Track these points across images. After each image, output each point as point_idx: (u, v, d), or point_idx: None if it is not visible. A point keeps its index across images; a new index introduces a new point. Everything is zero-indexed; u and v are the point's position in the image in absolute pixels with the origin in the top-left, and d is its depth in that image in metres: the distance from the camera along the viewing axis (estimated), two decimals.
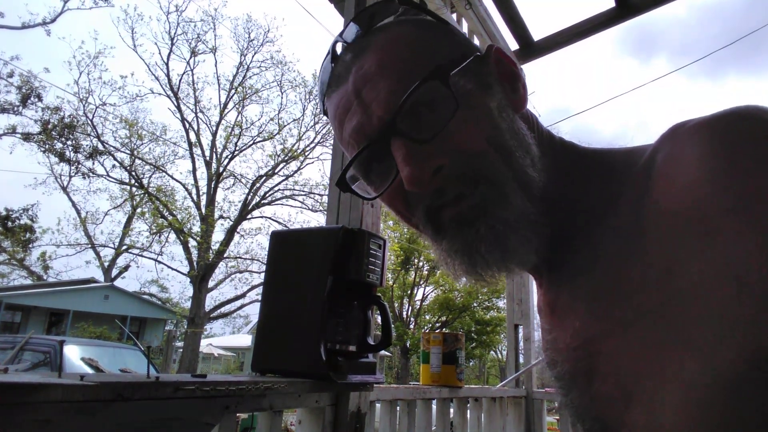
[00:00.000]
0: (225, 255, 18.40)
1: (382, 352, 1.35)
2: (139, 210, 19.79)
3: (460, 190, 0.53)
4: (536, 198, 0.54)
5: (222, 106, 19.01)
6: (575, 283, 0.54)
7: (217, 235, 18.51)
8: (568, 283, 0.55)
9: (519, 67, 0.61)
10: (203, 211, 18.02)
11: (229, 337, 28.24)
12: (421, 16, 0.61)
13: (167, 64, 18.38)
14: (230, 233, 18.18)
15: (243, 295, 19.37)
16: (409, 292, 22.64)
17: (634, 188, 0.49)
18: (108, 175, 18.78)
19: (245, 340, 25.04)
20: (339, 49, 0.61)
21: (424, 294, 23.23)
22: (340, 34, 0.61)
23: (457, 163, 0.52)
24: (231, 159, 19.03)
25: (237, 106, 19.12)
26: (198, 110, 18.81)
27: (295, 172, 19.05)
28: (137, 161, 18.55)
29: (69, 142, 17.70)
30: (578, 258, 0.54)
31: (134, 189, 19.47)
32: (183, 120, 18.45)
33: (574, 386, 0.53)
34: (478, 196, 0.52)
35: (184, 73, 18.78)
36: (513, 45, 2.85)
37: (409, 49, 0.56)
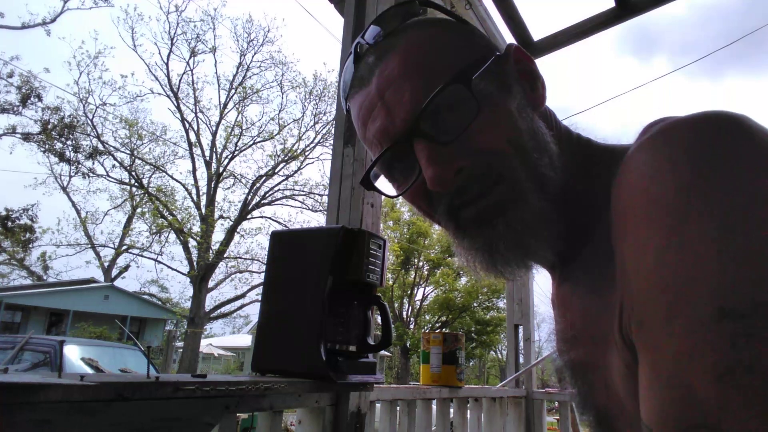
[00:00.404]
0: (225, 255, 18.42)
1: (382, 352, 1.35)
2: (139, 210, 19.81)
3: (480, 189, 0.54)
4: (553, 196, 0.55)
5: (222, 106, 19.03)
6: (579, 279, 0.57)
7: (217, 235, 18.54)
8: (575, 277, 0.58)
9: (537, 66, 0.62)
10: (203, 211, 18.03)
11: (229, 337, 28.25)
12: (441, 17, 0.63)
13: (167, 64, 18.41)
14: (230, 233, 18.19)
15: (243, 295, 19.40)
16: (409, 292, 22.66)
17: None
18: (108, 175, 18.82)
19: (245, 340, 25.05)
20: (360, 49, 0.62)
21: (424, 294, 23.27)
22: (362, 35, 0.62)
23: (478, 164, 0.54)
24: (231, 159, 19.05)
25: (237, 106, 19.14)
26: (198, 110, 18.84)
27: (295, 172, 19.10)
28: (137, 161, 18.58)
29: (69, 142, 17.72)
30: (586, 254, 0.56)
31: (134, 189, 19.48)
32: (183, 120, 18.47)
33: (578, 376, 0.57)
34: (497, 195, 0.54)
35: (184, 73, 18.80)
36: None
37: (431, 51, 0.57)
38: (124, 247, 20.38)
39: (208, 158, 18.75)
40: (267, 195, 19.08)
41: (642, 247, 0.40)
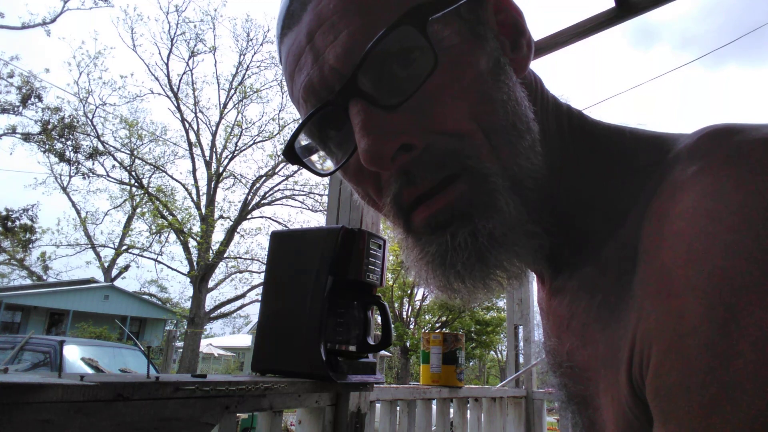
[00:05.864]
0: (225, 255, 18.42)
1: (382, 352, 1.35)
2: (139, 210, 19.81)
3: (433, 183, 0.43)
4: (533, 194, 0.44)
5: (222, 106, 19.03)
6: (577, 299, 0.47)
7: (217, 235, 18.54)
8: (571, 294, 0.48)
9: (525, 18, 0.49)
10: (203, 211, 18.03)
11: (229, 337, 28.24)
12: None
13: (167, 64, 18.41)
14: (230, 233, 18.19)
15: (243, 295, 19.39)
16: (409, 292, 22.66)
17: (647, 199, 0.40)
18: (108, 175, 18.84)
19: (245, 340, 25.04)
20: None
21: (424, 294, 23.23)
22: None
23: (432, 147, 0.42)
24: (231, 159, 19.05)
25: (237, 105, 19.15)
26: (198, 110, 18.84)
27: (295, 172, 19.05)
28: (137, 161, 18.59)
29: (69, 142, 17.74)
30: (585, 270, 0.46)
31: (134, 189, 19.50)
32: (183, 120, 18.46)
33: (572, 404, 0.51)
34: (457, 195, 0.43)
35: (184, 73, 18.80)
36: None
37: None
38: (124, 247, 20.38)
39: (208, 158, 18.76)
40: (267, 195, 19.08)
41: (683, 315, 0.32)
